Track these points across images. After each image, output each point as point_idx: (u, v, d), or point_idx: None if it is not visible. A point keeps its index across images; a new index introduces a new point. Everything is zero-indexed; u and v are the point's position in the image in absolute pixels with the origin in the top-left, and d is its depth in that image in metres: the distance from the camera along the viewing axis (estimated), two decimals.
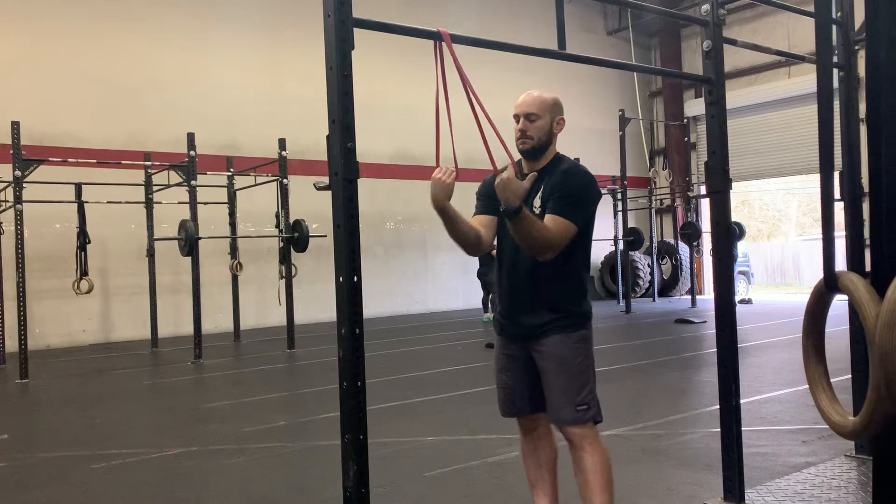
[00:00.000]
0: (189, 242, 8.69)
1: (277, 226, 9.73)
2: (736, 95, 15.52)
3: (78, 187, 8.73)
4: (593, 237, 2.75)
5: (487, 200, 2.73)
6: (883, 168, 1.94)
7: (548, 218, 2.53)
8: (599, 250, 16.40)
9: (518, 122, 2.64)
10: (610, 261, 16.57)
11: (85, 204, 8.70)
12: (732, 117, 4.34)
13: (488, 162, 2.40)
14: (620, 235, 14.39)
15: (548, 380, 2.64)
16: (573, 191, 2.56)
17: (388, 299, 13.96)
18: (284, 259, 9.67)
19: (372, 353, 8.52)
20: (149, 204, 10.28)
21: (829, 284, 2.20)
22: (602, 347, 8.49)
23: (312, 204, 8.21)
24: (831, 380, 2.38)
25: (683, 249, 16.36)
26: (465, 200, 2.75)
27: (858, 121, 3.70)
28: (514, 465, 4.08)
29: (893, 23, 1.93)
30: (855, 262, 3.46)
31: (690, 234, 15.48)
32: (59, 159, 8.84)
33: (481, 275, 12.50)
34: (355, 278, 2.14)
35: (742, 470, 3.15)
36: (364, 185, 2.26)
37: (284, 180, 9.66)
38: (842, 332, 3.79)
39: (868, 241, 2.12)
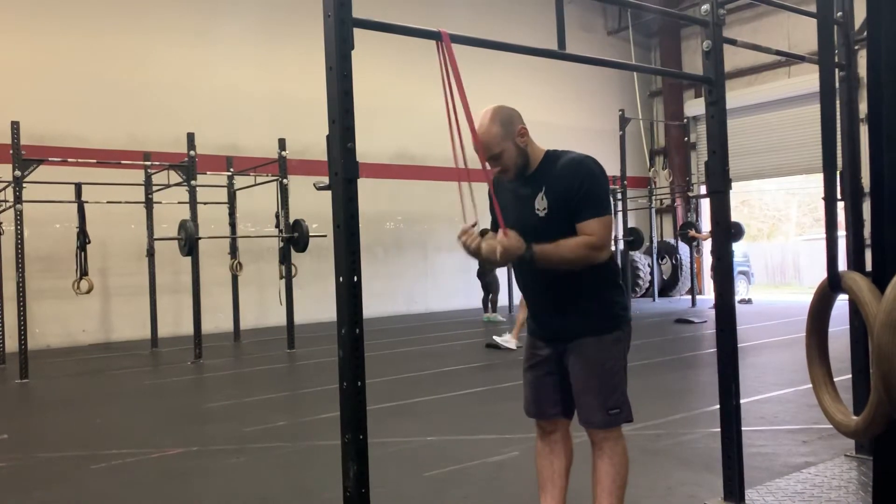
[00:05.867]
0: (189, 242, 8.69)
1: (277, 226, 9.73)
2: (736, 95, 15.51)
3: (78, 187, 8.72)
4: None
5: (494, 219, 2.73)
6: (885, 168, 1.94)
7: (580, 226, 2.47)
8: None
9: (483, 166, 2.53)
10: None
11: (85, 204, 8.69)
12: (732, 117, 4.33)
13: None
14: (620, 235, 14.39)
15: (578, 383, 2.58)
16: (584, 186, 2.47)
17: (388, 299, 13.95)
18: (284, 259, 9.67)
19: (372, 353, 8.52)
20: (149, 204, 10.27)
21: (833, 284, 2.20)
22: None
23: (312, 204, 8.20)
24: (834, 379, 2.38)
25: (683, 249, 16.35)
26: (480, 201, 2.72)
27: (859, 120, 3.70)
28: (513, 465, 4.08)
29: (894, 23, 1.93)
30: (856, 261, 3.46)
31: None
32: (59, 159, 8.83)
33: (481, 275, 12.48)
34: (355, 278, 2.13)
35: (742, 470, 3.14)
36: (364, 185, 2.25)
37: (284, 180, 9.66)
38: (843, 332, 3.79)
39: (869, 241, 2.12)
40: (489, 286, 12.53)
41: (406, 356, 8.70)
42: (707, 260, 15.81)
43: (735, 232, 13.36)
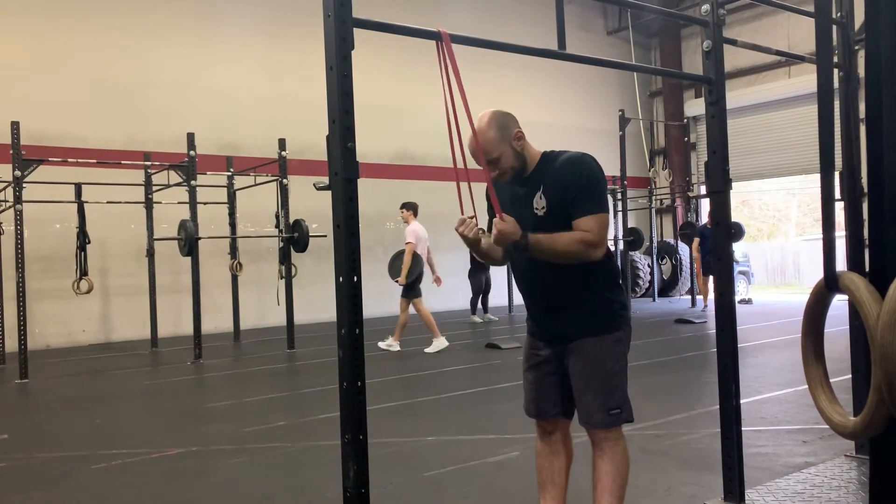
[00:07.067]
0: (189, 242, 8.69)
1: (277, 226, 9.73)
2: (736, 95, 15.52)
3: (78, 187, 8.73)
4: None
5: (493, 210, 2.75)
6: (884, 168, 1.94)
7: (576, 223, 2.48)
8: None
9: (485, 170, 2.56)
10: None
11: (85, 204, 8.70)
12: (732, 117, 4.34)
13: None
14: (620, 235, 14.39)
15: (579, 383, 2.59)
16: (582, 182, 2.48)
17: (388, 299, 13.91)
18: (284, 259, 9.67)
19: (372, 353, 8.53)
20: (149, 204, 10.28)
21: (830, 284, 2.20)
22: None
23: (312, 204, 8.21)
24: (832, 380, 2.38)
25: (683, 249, 16.35)
26: (479, 202, 2.70)
27: (858, 121, 3.70)
28: (513, 465, 4.08)
29: (894, 23, 1.93)
30: (855, 262, 3.46)
31: (689, 234, 15.47)
32: (59, 159, 8.84)
33: (472, 275, 12.55)
34: (355, 278, 2.14)
35: (742, 470, 3.15)
36: (364, 185, 2.26)
37: (284, 180, 9.66)
38: (842, 332, 3.79)
39: (867, 241, 2.12)
40: (479, 287, 12.54)
41: (406, 356, 8.70)
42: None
43: (735, 232, 13.38)
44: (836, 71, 3.60)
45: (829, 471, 3.62)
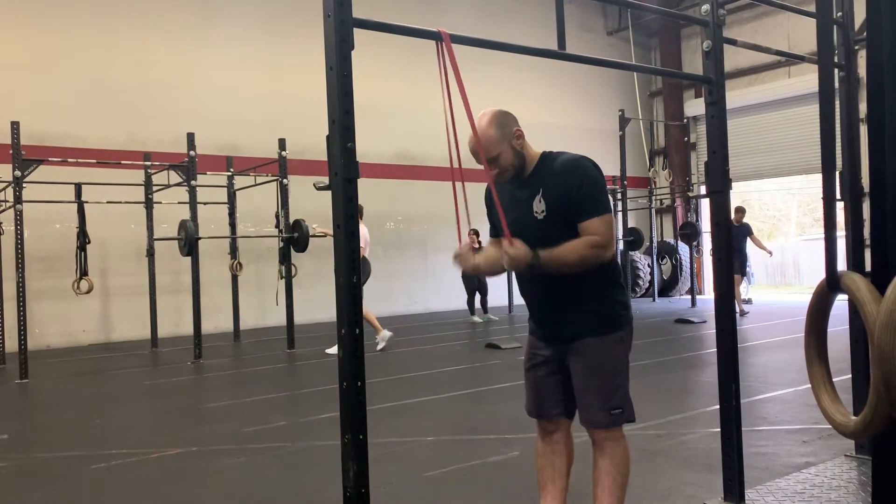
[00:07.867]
0: (189, 242, 8.69)
1: (277, 226, 9.73)
2: (736, 95, 15.51)
3: (78, 187, 8.72)
4: None
5: (493, 221, 2.75)
6: (886, 168, 1.94)
7: (582, 227, 2.47)
8: None
9: (485, 168, 2.55)
10: None
11: (85, 204, 8.69)
12: (732, 117, 4.34)
13: None
14: (620, 235, 14.38)
15: (580, 383, 2.58)
16: (584, 186, 2.47)
17: (388, 299, 13.94)
18: (284, 259, 9.67)
19: (372, 353, 8.53)
20: (149, 204, 10.27)
21: (832, 284, 2.20)
22: None
23: (312, 204, 8.21)
24: (833, 379, 2.38)
25: (683, 249, 16.35)
26: (476, 203, 2.70)
27: (859, 121, 3.70)
28: (514, 465, 4.08)
29: (894, 23, 1.93)
30: (856, 261, 3.46)
31: (689, 234, 15.47)
32: (59, 159, 8.83)
33: (465, 276, 12.53)
34: (355, 278, 2.14)
35: (742, 470, 3.14)
36: (364, 185, 2.25)
37: (284, 180, 9.66)
38: (843, 332, 3.79)
39: (868, 241, 2.12)
40: (475, 287, 12.53)
41: (406, 356, 8.70)
42: (707, 260, 15.82)
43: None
44: (836, 71, 3.60)
45: (829, 471, 3.62)
